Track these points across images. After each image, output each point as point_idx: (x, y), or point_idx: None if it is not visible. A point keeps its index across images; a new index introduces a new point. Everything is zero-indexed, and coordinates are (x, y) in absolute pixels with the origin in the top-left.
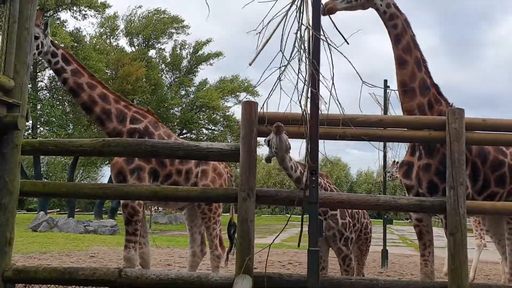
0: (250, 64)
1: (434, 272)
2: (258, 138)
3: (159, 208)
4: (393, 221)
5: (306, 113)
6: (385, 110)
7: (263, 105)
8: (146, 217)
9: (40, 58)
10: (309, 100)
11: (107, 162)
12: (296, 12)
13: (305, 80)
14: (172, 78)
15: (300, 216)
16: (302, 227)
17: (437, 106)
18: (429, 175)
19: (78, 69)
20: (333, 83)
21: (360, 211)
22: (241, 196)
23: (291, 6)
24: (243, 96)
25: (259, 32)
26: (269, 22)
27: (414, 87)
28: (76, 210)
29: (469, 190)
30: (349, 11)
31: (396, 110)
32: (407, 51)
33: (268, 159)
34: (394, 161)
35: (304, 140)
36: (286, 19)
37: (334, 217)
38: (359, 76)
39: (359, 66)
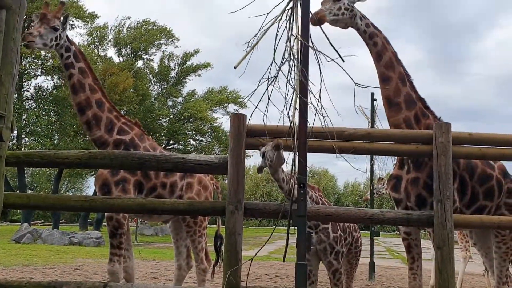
0: (235, 67)
1: (422, 285)
2: (246, 150)
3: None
4: (380, 233)
5: (294, 125)
6: (372, 123)
7: (250, 117)
8: (131, 229)
9: (52, 50)
10: (297, 112)
11: (93, 173)
12: (286, 23)
13: (293, 90)
14: (159, 89)
15: (287, 230)
16: (288, 240)
17: (424, 119)
18: (417, 188)
19: (85, 69)
20: (319, 97)
21: (351, 224)
22: (229, 209)
23: (281, 17)
24: (231, 107)
25: (248, 42)
26: (258, 33)
27: (399, 102)
28: (60, 221)
29: (457, 203)
30: (335, 26)
31: (383, 123)
32: (389, 67)
33: (260, 169)
34: (380, 178)
35: (291, 153)
36: (278, 28)
37: (326, 231)
38: (351, 78)
39: (347, 79)
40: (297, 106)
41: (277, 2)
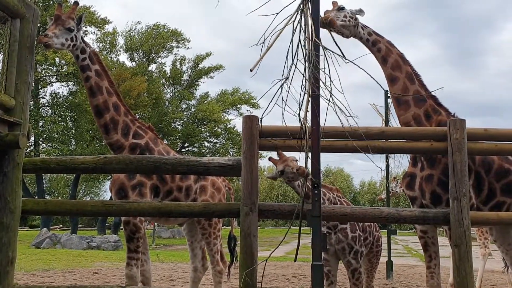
0: (251, 70)
1: (441, 284)
2: (260, 151)
3: None
4: (397, 231)
5: (306, 126)
6: (386, 121)
7: (261, 118)
8: (148, 232)
9: (69, 51)
10: (309, 112)
11: (110, 177)
12: (298, 24)
13: (305, 90)
14: (173, 92)
15: (302, 229)
16: (299, 241)
17: (436, 116)
18: (431, 186)
19: (101, 72)
20: (330, 96)
21: (372, 224)
22: (243, 211)
23: (294, 18)
24: (244, 108)
25: (262, 43)
26: (270, 34)
27: (408, 99)
28: (79, 225)
29: (473, 200)
30: (339, 33)
31: (397, 121)
32: (396, 68)
33: (272, 178)
34: (394, 178)
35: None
36: (293, 29)
37: (344, 231)
38: (369, 75)
39: (360, 78)
40: (309, 108)
41: (288, 2)
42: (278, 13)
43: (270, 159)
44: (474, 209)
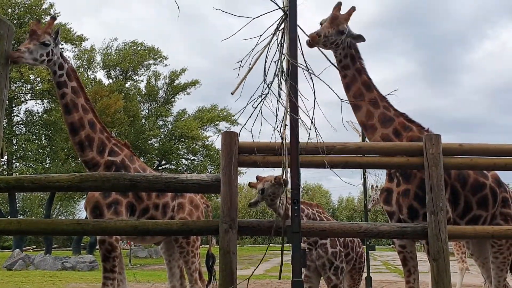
0: (232, 93)
1: None
2: (239, 168)
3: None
4: (376, 247)
5: (285, 141)
6: (363, 137)
7: (239, 133)
8: (124, 251)
9: (45, 66)
10: (288, 128)
11: (85, 196)
12: (277, 43)
13: (284, 107)
14: (149, 109)
15: (281, 247)
16: (282, 258)
17: (406, 132)
18: (408, 200)
19: (78, 89)
20: (313, 113)
21: (355, 240)
22: (222, 228)
23: (272, 38)
24: (222, 125)
25: (240, 61)
26: (250, 55)
27: (373, 124)
28: (53, 246)
29: (449, 214)
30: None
31: None
32: (358, 96)
33: (254, 204)
34: (372, 186)
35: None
36: (268, 49)
37: (324, 246)
38: (335, 94)
39: (340, 94)
40: (288, 123)
41: (269, 23)
42: (261, 35)
43: (250, 184)
44: (451, 223)
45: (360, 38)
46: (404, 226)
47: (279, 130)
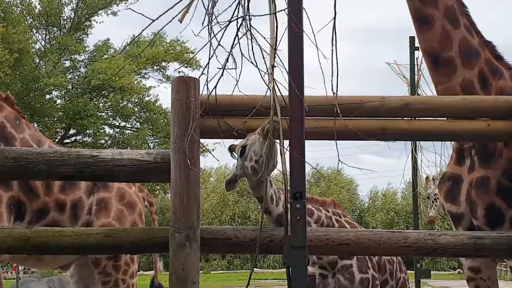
0: (180, 21)
1: None
2: (203, 140)
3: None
4: (431, 272)
5: (275, 95)
6: (412, 88)
7: (205, 83)
8: (8, 282)
9: None
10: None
11: None
12: None
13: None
14: (47, 40)
15: (285, 271)
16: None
17: (495, 80)
18: (487, 195)
19: None
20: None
21: (394, 260)
22: (175, 241)
23: None
24: (173, 68)
25: None
26: None
27: (451, 57)
28: None
29: None
30: None
31: (431, 87)
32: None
33: (232, 183)
34: (428, 177)
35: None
36: None
37: (347, 271)
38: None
39: (379, 19)
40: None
41: None
42: None
43: (230, 148)
44: None
45: None
46: (480, 236)
47: (266, 73)
